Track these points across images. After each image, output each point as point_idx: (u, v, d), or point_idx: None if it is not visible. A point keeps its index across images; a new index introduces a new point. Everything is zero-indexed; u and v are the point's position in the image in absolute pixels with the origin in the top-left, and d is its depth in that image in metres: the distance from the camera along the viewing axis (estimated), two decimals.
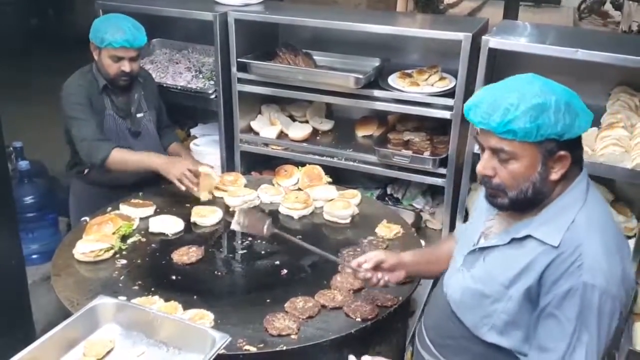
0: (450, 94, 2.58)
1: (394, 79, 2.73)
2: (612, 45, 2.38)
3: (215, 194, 2.54)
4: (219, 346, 1.50)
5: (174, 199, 2.51)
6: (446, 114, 2.54)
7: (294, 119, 3.19)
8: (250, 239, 2.25)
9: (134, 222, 2.29)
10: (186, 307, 1.79)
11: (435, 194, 3.02)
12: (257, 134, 3.05)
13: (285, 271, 2.02)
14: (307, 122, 3.15)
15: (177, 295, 1.86)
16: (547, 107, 1.28)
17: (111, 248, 2.09)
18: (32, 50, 7.14)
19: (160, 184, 2.59)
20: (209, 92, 3.00)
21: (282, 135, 3.02)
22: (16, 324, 2.38)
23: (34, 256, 3.50)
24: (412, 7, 7.61)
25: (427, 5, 7.89)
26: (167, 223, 2.28)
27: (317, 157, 2.88)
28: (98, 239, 2.11)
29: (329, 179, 2.64)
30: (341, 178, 2.90)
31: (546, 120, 1.28)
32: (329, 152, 2.88)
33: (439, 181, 2.63)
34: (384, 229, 2.26)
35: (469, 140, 2.49)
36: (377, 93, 2.68)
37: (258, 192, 2.51)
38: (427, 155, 2.66)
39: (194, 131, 3.48)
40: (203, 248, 2.13)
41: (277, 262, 2.08)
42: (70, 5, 7.89)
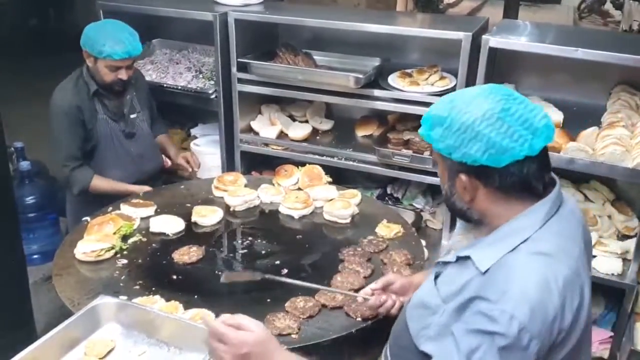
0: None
1: (394, 79, 2.73)
2: (612, 44, 2.38)
3: (216, 193, 2.54)
4: None
5: (175, 198, 2.51)
6: None
7: (294, 118, 3.19)
8: (250, 238, 2.25)
9: (134, 222, 2.29)
10: (187, 306, 1.79)
11: (436, 194, 3.02)
12: (257, 133, 3.06)
13: (285, 271, 2.02)
14: (307, 122, 3.15)
15: (178, 294, 1.86)
16: (441, 122, 1.25)
17: (112, 248, 2.09)
18: (32, 51, 7.15)
19: (161, 184, 2.59)
20: (209, 92, 3.00)
21: (282, 135, 3.03)
22: (17, 323, 2.38)
23: (35, 256, 3.51)
24: (412, 7, 7.62)
25: (427, 5, 7.90)
26: (168, 223, 2.28)
27: (317, 156, 2.88)
28: (99, 238, 2.11)
29: (329, 179, 2.64)
30: (341, 178, 2.91)
31: (435, 133, 1.26)
32: (329, 152, 2.88)
33: (439, 181, 2.63)
34: (384, 229, 2.26)
35: None
36: (377, 93, 2.68)
37: (258, 192, 2.51)
38: (427, 154, 2.66)
39: (194, 131, 3.48)
40: (204, 248, 2.13)
41: (278, 262, 2.08)
42: (70, 6, 7.90)
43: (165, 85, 3.09)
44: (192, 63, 3.29)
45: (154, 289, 1.91)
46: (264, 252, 2.16)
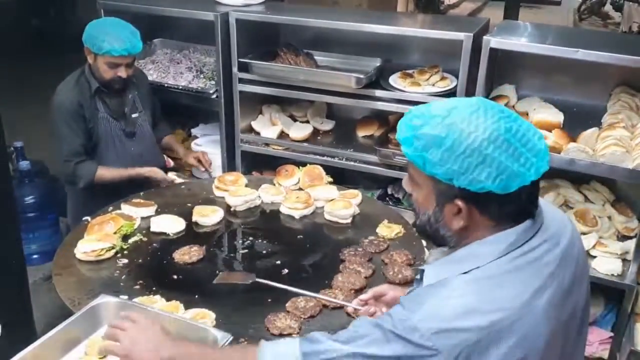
0: (451, 94, 2.58)
1: (395, 79, 2.74)
2: (612, 45, 2.39)
3: (216, 193, 2.54)
4: (220, 345, 1.50)
5: (175, 198, 2.51)
6: None
7: (294, 119, 3.19)
8: (251, 238, 2.25)
9: (135, 222, 2.29)
10: (187, 306, 1.79)
11: None
12: (258, 134, 3.06)
13: (286, 271, 2.02)
14: (308, 122, 3.15)
15: (178, 294, 1.86)
16: (441, 143, 1.09)
17: (112, 247, 2.09)
18: (33, 50, 7.15)
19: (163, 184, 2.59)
20: (210, 92, 3.01)
21: (283, 135, 3.03)
22: (17, 323, 2.37)
23: (35, 256, 3.51)
24: (413, 8, 7.63)
25: (428, 6, 7.91)
26: (169, 222, 2.28)
27: (317, 157, 2.88)
28: (99, 238, 2.11)
29: (330, 179, 2.64)
30: (342, 178, 2.91)
31: (432, 155, 1.10)
32: (329, 152, 2.88)
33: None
34: (384, 229, 2.26)
35: None
36: (378, 93, 2.68)
37: (259, 192, 2.51)
38: None
39: (195, 131, 3.48)
40: (204, 247, 2.13)
41: (278, 262, 2.08)
42: (71, 5, 7.90)
43: (166, 85, 3.09)
44: (193, 63, 3.29)
45: (154, 288, 1.91)
46: (264, 252, 2.16)
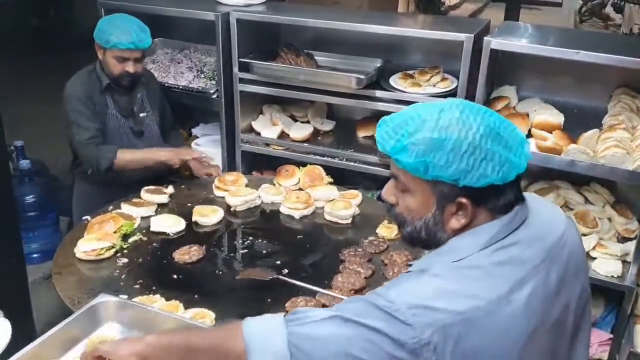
0: (452, 95, 2.58)
1: (395, 80, 2.73)
2: (613, 47, 2.38)
3: (217, 193, 2.54)
4: None
5: (176, 198, 2.51)
6: None
7: (295, 119, 3.19)
8: (251, 238, 2.25)
9: (135, 222, 2.29)
10: (187, 306, 1.79)
11: None
12: (258, 134, 3.06)
13: (286, 271, 2.02)
14: (308, 122, 3.15)
15: (178, 294, 1.86)
16: (442, 145, 1.10)
17: (113, 247, 2.09)
18: (33, 50, 7.15)
19: (163, 183, 2.59)
20: (211, 92, 3.01)
21: (283, 135, 3.03)
22: (16, 323, 2.37)
23: (35, 255, 3.51)
24: (414, 9, 7.63)
25: (429, 7, 7.92)
26: (169, 222, 2.28)
27: (318, 157, 2.88)
28: (100, 238, 2.11)
29: (330, 180, 2.64)
30: (342, 179, 2.90)
31: (436, 159, 1.10)
32: (330, 153, 2.88)
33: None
34: (385, 230, 2.26)
35: None
36: (379, 94, 2.68)
37: (259, 192, 2.52)
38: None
39: (195, 131, 3.48)
40: (204, 247, 2.13)
41: (278, 262, 2.08)
42: (71, 5, 7.90)
43: (166, 85, 3.09)
44: (193, 63, 3.29)
45: (154, 288, 1.91)
46: (264, 252, 2.16)
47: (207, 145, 3.24)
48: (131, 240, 2.19)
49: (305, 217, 2.40)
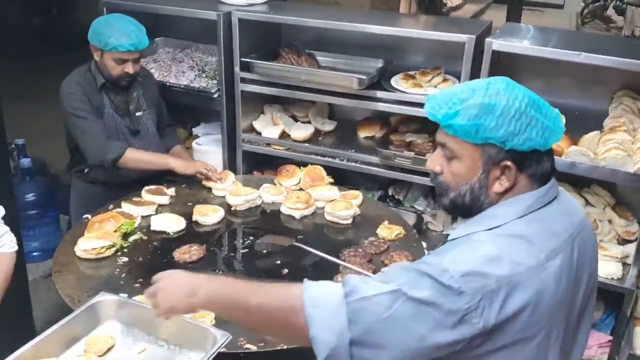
0: None
1: (396, 81, 2.73)
2: (615, 49, 2.38)
3: (215, 192, 2.54)
4: (219, 344, 1.50)
5: (176, 197, 2.51)
6: None
7: (296, 119, 3.19)
8: (251, 238, 2.25)
9: (135, 220, 2.29)
10: None
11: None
12: (259, 133, 3.06)
13: (286, 271, 2.02)
14: (309, 122, 3.15)
15: None
16: (493, 109, 1.21)
17: (113, 246, 2.10)
18: (34, 49, 7.15)
19: (162, 183, 2.59)
20: (212, 91, 3.00)
21: (284, 135, 3.02)
22: (16, 321, 2.38)
23: (35, 253, 3.51)
24: (415, 10, 7.63)
25: (430, 7, 7.91)
26: (169, 221, 2.29)
27: (319, 157, 2.88)
28: (100, 236, 2.11)
29: (331, 180, 2.64)
30: (343, 179, 2.91)
31: (487, 121, 1.21)
32: (331, 153, 2.88)
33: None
34: (385, 230, 2.26)
35: None
36: (380, 94, 2.68)
37: (260, 192, 2.52)
38: (429, 156, 2.66)
39: (196, 130, 3.48)
40: (204, 247, 2.13)
41: (278, 262, 2.08)
42: (73, 4, 7.90)
43: (167, 84, 3.09)
44: (195, 62, 3.28)
45: None
46: (264, 251, 2.16)
47: (207, 145, 3.24)
48: (131, 239, 2.19)
49: (306, 217, 2.40)
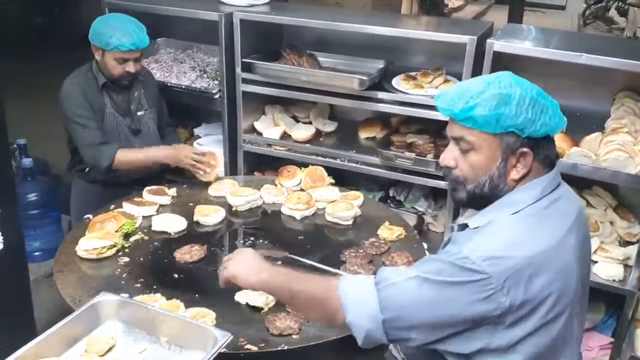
0: None
1: (398, 81, 2.73)
2: (616, 50, 2.38)
3: (212, 193, 2.54)
4: (220, 345, 1.50)
5: (177, 197, 2.52)
6: None
7: (297, 119, 3.19)
8: (252, 238, 2.25)
9: (136, 220, 2.29)
10: (188, 305, 1.79)
11: (438, 197, 3.02)
12: (260, 134, 3.06)
13: None
14: (310, 123, 3.15)
15: (179, 293, 1.86)
16: (510, 99, 1.29)
17: (114, 246, 2.10)
18: (37, 48, 7.16)
19: (163, 182, 2.59)
20: (213, 92, 3.01)
21: (285, 136, 3.03)
22: (17, 321, 2.38)
23: (36, 253, 3.51)
24: (417, 10, 7.63)
25: (432, 8, 7.91)
26: (170, 221, 2.28)
27: (320, 158, 2.88)
28: (101, 236, 2.11)
29: (332, 180, 2.64)
30: (344, 179, 2.91)
31: (507, 110, 1.28)
32: (332, 154, 2.88)
33: (441, 184, 2.64)
34: (386, 231, 2.26)
35: None
36: (381, 95, 2.68)
37: (261, 193, 2.52)
38: (430, 157, 2.66)
39: (197, 131, 3.48)
40: (205, 247, 2.13)
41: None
42: (75, 4, 7.91)
43: (169, 85, 3.09)
44: (196, 62, 3.29)
45: (155, 287, 1.91)
46: None
47: (209, 145, 3.24)
48: (132, 239, 2.19)
49: (306, 217, 2.40)
